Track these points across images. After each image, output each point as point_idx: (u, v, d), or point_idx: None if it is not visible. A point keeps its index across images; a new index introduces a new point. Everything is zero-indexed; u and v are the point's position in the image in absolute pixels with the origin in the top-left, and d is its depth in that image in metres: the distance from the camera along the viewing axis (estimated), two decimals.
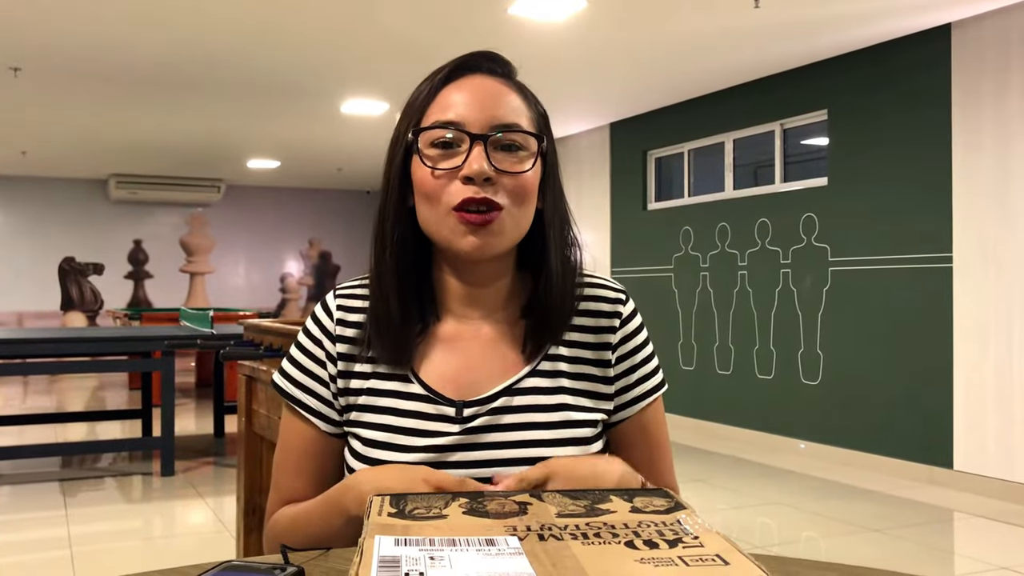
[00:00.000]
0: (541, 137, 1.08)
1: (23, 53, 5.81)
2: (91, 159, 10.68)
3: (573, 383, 1.11)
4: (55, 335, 5.65)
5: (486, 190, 1.02)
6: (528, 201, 1.06)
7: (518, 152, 1.05)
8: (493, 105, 1.06)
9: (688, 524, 0.80)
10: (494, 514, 0.82)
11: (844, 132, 5.95)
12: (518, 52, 1.18)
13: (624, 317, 1.14)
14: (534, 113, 1.10)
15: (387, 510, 0.82)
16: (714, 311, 7.02)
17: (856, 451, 5.79)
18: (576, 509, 0.83)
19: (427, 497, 0.86)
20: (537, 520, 0.80)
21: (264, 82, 6.64)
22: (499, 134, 1.04)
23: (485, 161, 1.02)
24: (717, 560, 0.72)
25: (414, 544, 0.75)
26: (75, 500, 4.87)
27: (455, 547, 0.74)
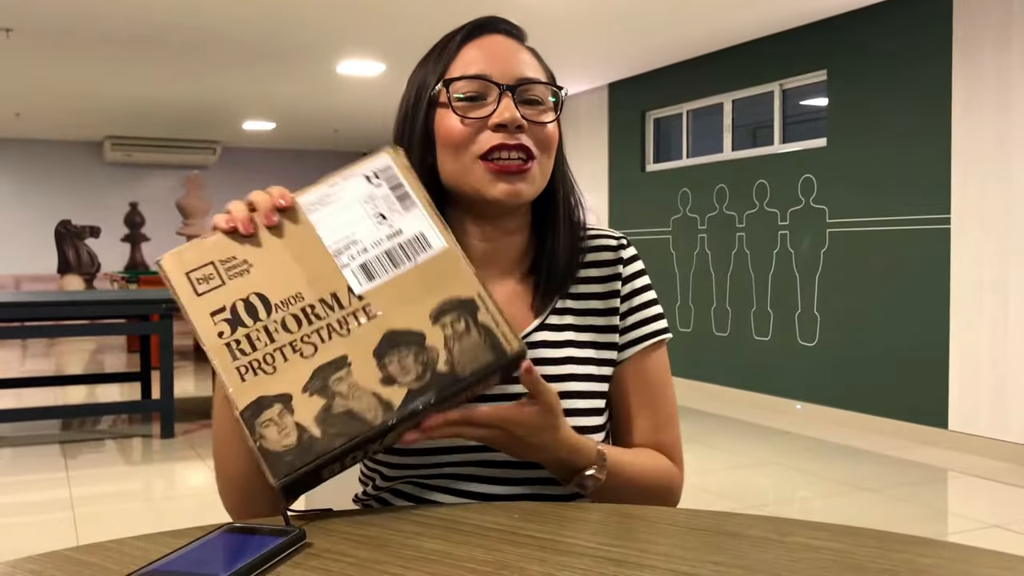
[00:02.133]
0: (561, 88, 1.11)
1: (15, 13, 5.74)
2: (86, 121, 10.61)
3: (580, 335, 1.13)
4: (53, 298, 5.65)
5: (519, 138, 1.06)
6: (552, 152, 1.10)
7: (539, 106, 1.09)
8: (515, 61, 1.09)
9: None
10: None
11: (843, 93, 5.91)
12: (517, 12, 1.18)
13: (625, 260, 1.16)
14: (547, 73, 1.14)
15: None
16: (712, 273, 7.02)
17: (852, 412, 5.83)
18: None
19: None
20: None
21: (260, 43, 6.58)
22: (526, 85, 1.08)
23: (516, 109, 1.06)
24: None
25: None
26: (76, 462, 4.90)
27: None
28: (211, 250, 0.90)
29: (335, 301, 0.89)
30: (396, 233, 0.92)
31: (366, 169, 0.95)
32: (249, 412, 0.83)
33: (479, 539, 0.84)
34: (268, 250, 0.90)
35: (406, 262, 0.91)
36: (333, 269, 0.90)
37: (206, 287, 0.88)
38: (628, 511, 0.97)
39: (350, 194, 0.94)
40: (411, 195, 0.94)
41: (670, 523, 0.91)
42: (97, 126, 11.04)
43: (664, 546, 0.84)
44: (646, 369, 1.14)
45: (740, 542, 0.84)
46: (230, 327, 0.87)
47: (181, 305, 0.88)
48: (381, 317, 0.88)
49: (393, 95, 8.25)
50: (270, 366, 0.85)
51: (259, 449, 0.82)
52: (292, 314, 0.87)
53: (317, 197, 0.93)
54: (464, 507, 0.96)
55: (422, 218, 0.93)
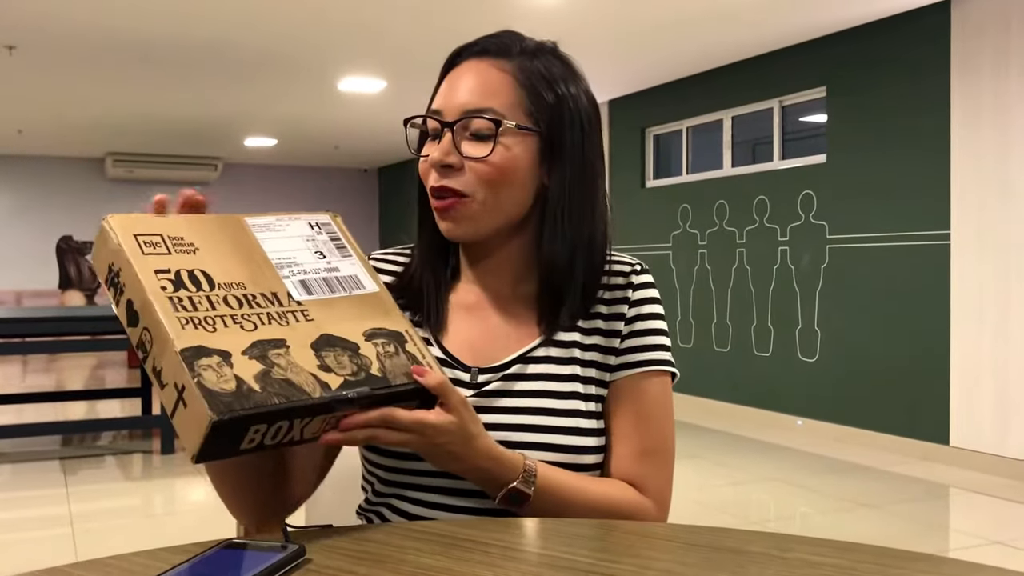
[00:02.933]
0: (499, 122, 1.06)
1: (18, 31, 5.77)
2: (87, 137, 10.64)
3: (586, 354, 1.12)
4: (54, 314, 5.65)
5: (445, 177, 1.07)
6: (503, 184, 1.07)
7: (488, 139, 1.06)
8: (464, 91, 1.08)
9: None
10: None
11: (843, 109, 5.93)
12: (516, 29, 1.18)
13: (635, 285, 1.15)
14: (523, 91, 1.09)
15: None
16: (712, 288, 7.02)
17: (853, 427, 5.81)
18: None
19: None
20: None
21: (261, 59, 6.60)
22: (463, 120, 1.07)
23: (448, 147, 1.07)
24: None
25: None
26: (76, 478, 4.89)
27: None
28: (161, 225, 0.91)
29: (275, 298, 0.91)
30: (333, 269, 0.98)
31: (310, 219, 1.02)
32: (188, 353, 0.82)
33: (480, 555, 0.84)
34: (215, 243, 0.92)
35: (341, 291, 0.96)
36: (274, 275, 0.93)
37: (152, 251, 0.88)
38: (628, 527, 0.96)
39: (294, 230, 0.99)
40: (348, 248, 1.01)
41: (670, 539, 0.91)
42: (99, 142, 11.07)
43: (664, 562, 0.84)
44: (636, 395, 1.11)
45: (740, 558, 0.84)
46: (173, 286, 0.86)
47: (123, 259, 0.86)
48: (317, 322, 0.91)
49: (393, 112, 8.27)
50: (211, 326, 0.85)
51: (197, 385, 0.80)
52: (234, 295, 0.89)
53: (264, 222, 0.98)
54: (463, 522, 0.96)
55: (358, 266, 1.00)
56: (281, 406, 0.82)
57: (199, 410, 0.79)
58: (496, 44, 1.11)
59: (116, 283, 0.88)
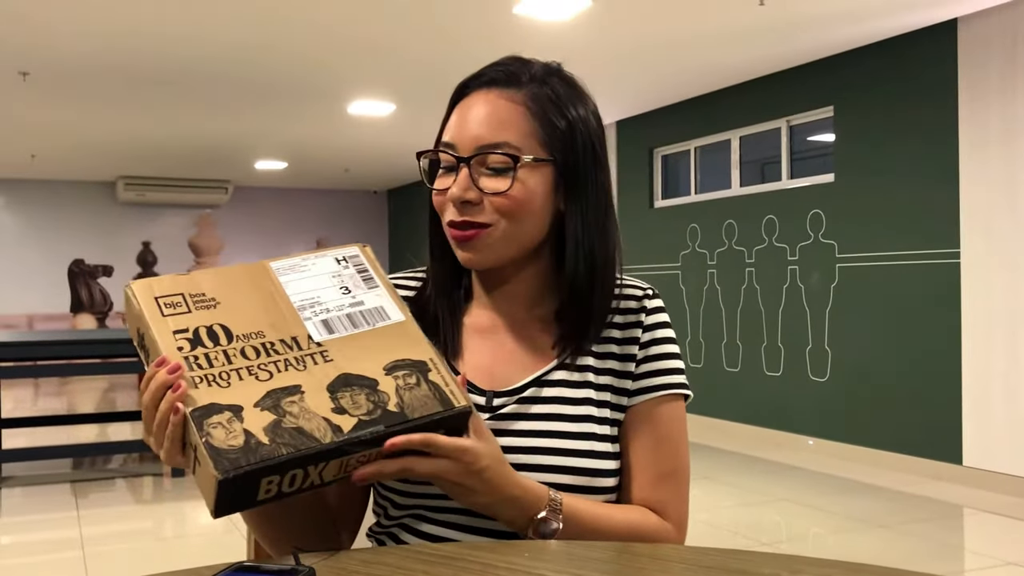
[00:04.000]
0: (516, 158, 1.07)
1: (31, 58, 5.82)
2: (99, 162, 10.71)
3: (599, 378, 1.13)
4: (65, 337, 5.67)
5: (466, 212, 1.08)
6: (522, 215, 1.08)
7: (506, 172, 1.07)
8: (477, 125, 1.08)
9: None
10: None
11: (851, 128, 5.93)
12: (524, 51, 1.18)
13: (648, 310, 1.16)
14: (536, 122, 1.10)
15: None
16: (722, 308, 7.01)
17: (864, 447, 5.78)
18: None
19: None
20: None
21: (271, 83, 6.65)
22: (479, 155, 1.08)
23: (466, 183, 1.07)
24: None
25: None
26: (87, 501, 4.89)
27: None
28: (183, 283, 0.95)
29: (294, 343, 0.93)
30: (358, 303, 0.98)
31: (337, 254, 1.03)
32: (199, 413, 0.85)
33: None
34: (236, 294, 0.95)
35: (365, 325, 0.96)
36: (295, 319, 0.95)
37: (172, 311, 0.92)
38: (637, 549, 0.96)
39: (320, 267, 1.01)
40: (375, 279, 1.02)
41: (680, 561, 0.90)
42: (110, 167, 11.14)
43: None
44: (654, 420, 1.12)
45: None
46: (190, 345, 0.90)
47: (144, 323, 0.91)
48: (336, 362, 0.92)
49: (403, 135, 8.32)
50: (225, 382, 0.87)
51: (204, 444, 0.82)
52: (252, 345, 0.91)
53: (288, 265, 1.00)
54: (475, 545, 0.95)
55: (384, 296, 1.00)
56: (288, 456, 0.83)
57: (208, 469, 0.82)
58: (504, 74, 1.11)
59: (144, 346, 0.93)
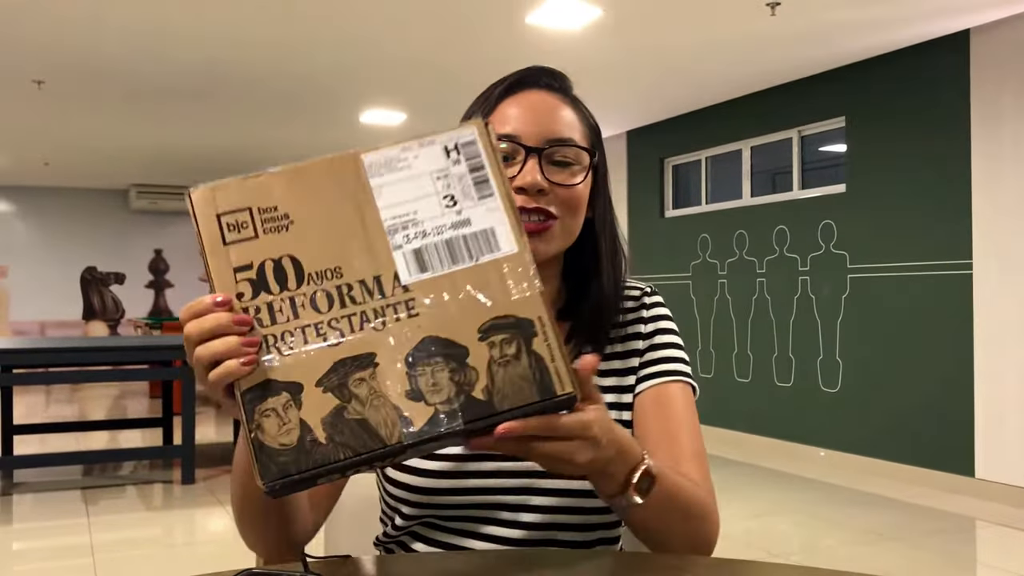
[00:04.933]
0: (593, 152, 1.11)
1: (47, 66, 5.86)
2: (112, 170, 10.77)
3: (603, 380, 1.13)
4: (77, 344, 5.69)
5: (539, 201, 1.06)
6: (579, 212, 1.11)
7: (571, 166, 1.09)
8: (548, 120, 1.10)
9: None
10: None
11: (862, 139, 5.92)
12: (535, 61, 1.19)
13: (648, 305, 1.18)
14: (586, 127, 1.14)
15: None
16: (732, 318, 6.99)
17: (876, 459, 5.75)
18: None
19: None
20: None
21: (283, 92, 6.68)
22: (552, 148, 1.08)
23: (539, 173, 1.06)
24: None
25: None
26: (97, 508, 4.90)
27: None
28: (252, 193, 0.80)
29: (377, 286, 0.77)
30: (463, 223, 0.80)
31: (447, 140, 0.82)
32: (252, 395, 0.73)
33: None
34: (315, 208, 0.79)
35: (467, 259, 0.79)
36: (384, 248, 0.78)
37: (236, 236, 0.78)
38: (648, 561, 0.95)
39: (423, 164, 0.81)
40: (491, 182, 0.81)
41: (692, 573, 0.90)
42: (123, 174, 11.20)
43: None
44: (664, 402, 1.12)
45: None
46: (252, 289, 0.77)
47: (203, 251, 0.78)
48: (423, 317, 0.76)
49: None
50: (287, 346, 0.75)
51: (253, 441, 0.72)
52: (325, 290, 0.77)
53: (385, 159, 0.81)
54: (483, 555, 0.95)
55: (497, 212, 0.80)
56: (347, 461, 0.73)
57: (255, 470, 0.73)
58: (556, 81, 1.15)
59: (209, 275, 0.79)
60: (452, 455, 1.06)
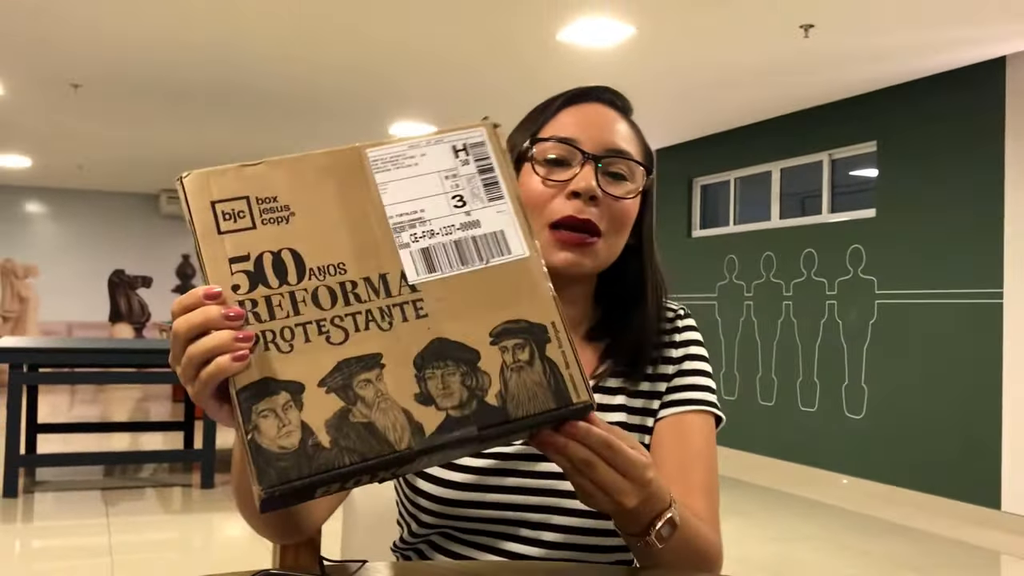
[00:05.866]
0: (650, 168, 1.12)
1: (84, 70, 5.96)
2: (144, 174, 10.91)
3: (632, 401, 1.12)
4: (102, 346, 5.76)
5: (588, 213, 1.05)
6: (624, 230, 1.10)
7: (625, 181, 1.09)
8: (608, 131, 1.10)
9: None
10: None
11: (893, 164, 5.89)
12: (565, 78, 1.21)
13: (680, 328, 1.17)
14: (643, 147, 1.15)
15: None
16: (758, 341, 6.95)
17: (900, 488, 5.69)
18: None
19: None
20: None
21: (316, 102, 6.75)
22: (610, 157, 1.08)
23: (594, 179, 1.06)
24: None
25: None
26: (116, 509, 4.94)
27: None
28: (250, 181, 0.74)
29: (382, 284, 0.73)
30: (472, 224, 0.77)
31: (455, 139, 0.81)
32: (247, 394, 0.68)
33: None
34: (317, 201, 0.75)
35: (476, 261, 0.75)
36: (389, 245, 0.74)
37: (232, 225, 0.72)
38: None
39: (431, 162, 0.78)
40: (500, 184, 0.79)
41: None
42: (154, 179, 11.34)
43: None
44: (683, 432, 1.10)
45: None
46: (249, 282, 0.71)
47: (195, 239, 0.72)
48: (432, 319, 0.73)
49: None
50: (287, 343, 0.70)
51: (249, 443, 0.67)
52: (328, 286, 0.72)
53: (391, 155, 0.78)
54: (499, 566, 0.95)
55: (507, 215, 0.78)
56: (352, 467, 0.68)
57: (251, 475, 0.67)
58: (619, 100, 1.17)
59: (201, 266, 0.73)
60: (475, 467, 1.05)
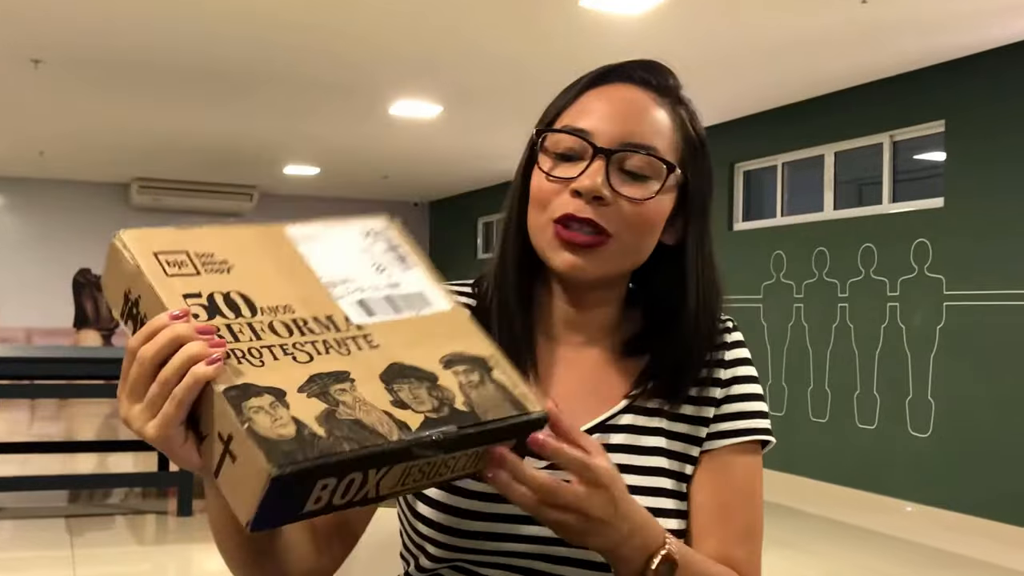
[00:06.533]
0: (672, 167, 1.08)
1: (46, 44, 6.00)
2: (113, 161, 10.96)
3: (673, 425, 1.11)
4: (66, 354, 5.80)
5: (591, 212, 1.04)
6: (647, 232, 1.08)
7: (645, 180, 1.07)
8: (630, 120, 1.08)
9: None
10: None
11: (964, 146, 5.86)
12: (589, 49, 1.21)
13: (729, 344, 1.16)
14: (679, 136, 1.12)
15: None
16: (809, 349, 6.94)
17: (970, 516, 5.66)
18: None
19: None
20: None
21: (305, 79, 6.76)
22: (625, 152, 1.06)
23: (600, 177, 1.04)
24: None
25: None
26: (82, 539, 4.96)
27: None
28: (186, 240, 0.85)
29: (331, 323, 0.84)
30: (394, 285, 0.91)
31: (362, 226, 0.97)
32: (234, 393, 0.74)
33: None
34: (252, 260, 0.87)
35: (407, 311, 0.89)
36: (327, 296, 0.87)
37: (177, 271, 0.82)
38: None
39: (345, 239, 0.94)
40: (409, 259, 0.95)
41: None
42: (124, 167, 11.40)
43: None
44: (730, 468, 1.10)
45: None
46: (207, 313, 0.80)
47: (142, 283, 0.80)
48: (384, 349, 0.84)
49: (451, 139, 8.36)
50: (257, 359, 0.78)
51: (247, 431, 0.72)
52: (281, 321, 0.82)
53: (308, 232, 0.93)
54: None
55: (423, 281, 0.94)
56: (353, 453, 0.74)
57: (253, 463, 0.71)
58: (657, 79, 1.14)
59: (135, 315, 0.81)
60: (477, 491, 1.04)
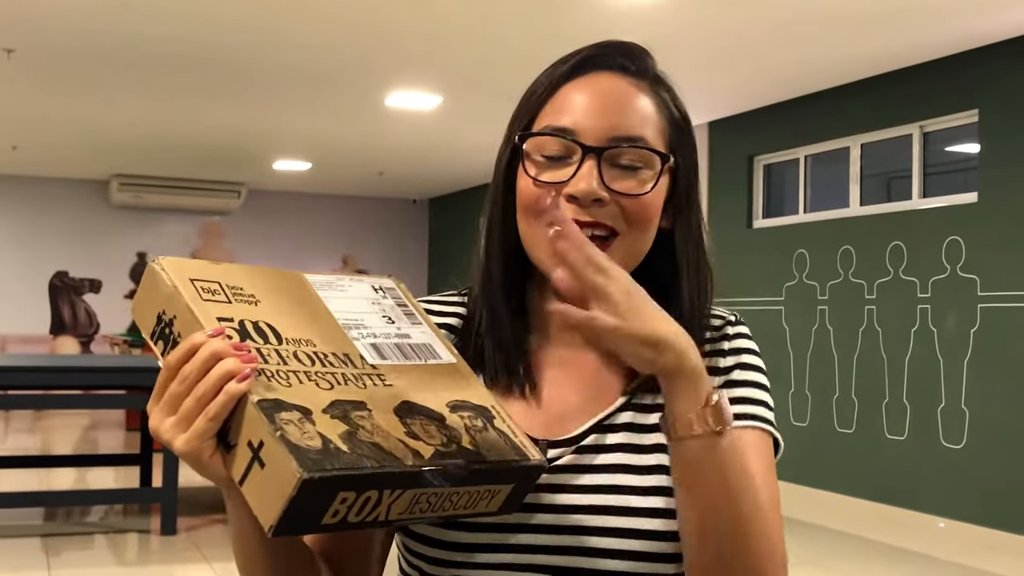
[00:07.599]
0: (667, 157, 1.09)
1: (19, 32, 6.00)
2: (91, 156, 10.96)
3: None
4: (41, 363, 5.79)
5: (594, 213, 1.05)
6: (648, 226, 1.09)
7: (639, 172, 1.08)
8: (616, 112, 1.08)
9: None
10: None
11: (1000, 137, 5.85)
12: (594, 34, 1.19)
13: (730, 335, 1.16)
14: (665, 120, 1.13)
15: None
16: (834, 354, 6.93)
17: (1008, 533, 5.65)
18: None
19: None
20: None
21: (295, 68, 6.76)
22: (615, 148, 1.07)
23: (595, 179, 1.05)
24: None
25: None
26: (59, 560, 4.96)
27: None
28: (218, 272, 0.98)
29: (347, 359, 0.97)
30: (404, 335, 1.05)
31: (372, 281, 1.11)
32: (268, 404, 0.85)
33: None
34: (276, 297, 0.99)
35: (416, 359, 1.02)
36: (343, 336, 1.00)
37: (211, 297, 0.94)
38: None
39: (357, 291, 1.08)
40: (416, 315, 1.09)
41: None
42: (104, 163, 11.40)
43: None
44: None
45: None
46: (239, 336, 0.91)
47: (179, 304, 0.92)
48: (396, 389, 0.96)
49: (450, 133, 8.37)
50: (284, 381, 0.89)
51: (280, 439, 0.82)
52: (304, 352, 0.94)
53: (325, 280, 1.06)
54: None
55: (429, 334, 1.08)
56: (374, 470, 0.85)
57: (283, 468, 0.81)
58: (635, 62, 1.13)
59: (168, 334, 0.93)
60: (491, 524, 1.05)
